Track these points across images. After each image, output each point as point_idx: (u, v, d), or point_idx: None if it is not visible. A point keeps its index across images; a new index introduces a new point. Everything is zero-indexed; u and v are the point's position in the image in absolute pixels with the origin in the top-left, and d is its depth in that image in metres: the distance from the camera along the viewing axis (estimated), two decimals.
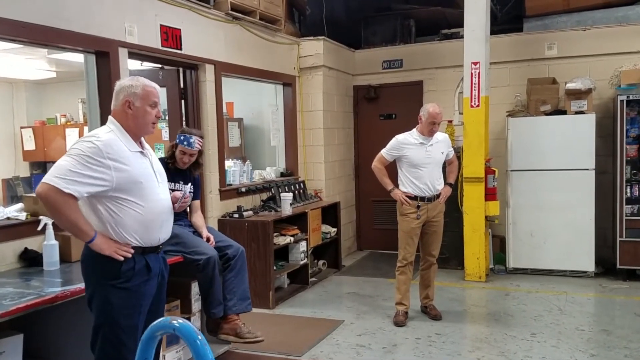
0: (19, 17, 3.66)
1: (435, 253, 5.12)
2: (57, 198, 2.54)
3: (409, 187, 4.95)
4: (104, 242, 2.68)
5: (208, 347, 1.72)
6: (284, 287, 6.20)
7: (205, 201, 5.57)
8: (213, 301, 4.07)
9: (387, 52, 7.96)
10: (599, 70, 6.81)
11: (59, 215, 2.61)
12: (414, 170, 4.92)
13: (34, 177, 8.12)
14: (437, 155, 4.97)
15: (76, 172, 2.55)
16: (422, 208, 4.91)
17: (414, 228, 4.93)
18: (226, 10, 5.71)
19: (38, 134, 8.21)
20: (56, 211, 2.59)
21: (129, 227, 2.72)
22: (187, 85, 5.54)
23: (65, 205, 2.56)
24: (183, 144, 4.08)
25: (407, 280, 5.05)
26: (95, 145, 2.61)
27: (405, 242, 4.98)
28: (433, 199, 4.95)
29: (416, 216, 4.90)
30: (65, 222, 2.64)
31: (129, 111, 2.79)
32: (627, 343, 4.43)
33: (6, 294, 2.98)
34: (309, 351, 4.44)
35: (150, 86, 2.84)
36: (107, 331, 2.72)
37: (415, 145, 4.92)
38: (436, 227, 5.03)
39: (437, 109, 4.87)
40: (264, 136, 7.34)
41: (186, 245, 3.91)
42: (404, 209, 4.95)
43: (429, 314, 5.19)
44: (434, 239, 5.07)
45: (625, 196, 6.18)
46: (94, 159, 2.59)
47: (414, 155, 4.90)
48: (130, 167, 2.71)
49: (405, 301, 5.09)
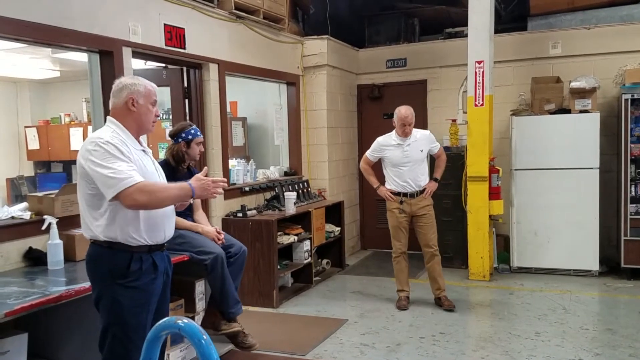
0: (23, 17, 3.67)
1: (433, 244, 5.37)
2: (146, 191, 2.59)
3: (392, 184, 5.37)
4: (200, 188, 2.73)
5: (213, 346, 1.72)
6: (287, 286, 6.21)
7: (209, 200, 5.57)
8: (230, 300, 4.02)
9: (391, 51, 7.95)
10: (603, 69, 6.79)
11: (160, 202, 2.69)
12: (395, 169, 5.33)
13: (38, 176, 8.14)
14: (415, 154, 5.29)
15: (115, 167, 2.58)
16: (405, 203, 5.28)
17: (400, 222, 5.33)
18: (230, 9, 5.71)
19: (42, 133, 8.23)
20: (153, 202, 2.66)
21: (135, 225, 2.71)
22: (190, 84, 5.53)
23: (155, 188, 2.64)
24: (197, 135, 4.15)
25: (403, 268, 5.47)
26: (111, 144, 2.63)
27: (394, 234, 5.41)
28: (416, 194, 5.31)
29: (399, 210, 5.29)
30: (168, 201, 2.73)
31: (132, 108, 2.80)
32: (632, 342, 4.42)
33: (10, 293, 2.99)
34: (313, 350, 4.44)
35: (150, 84, 2.89)
36: (116, 330, 2.71)
37: (394, 146, 5.32)
38: (425, 219, 5.34)
39: (406, 111, 5.22)
40: (267, 135, 7.33)
41: (192, 245, 3.90)
42: (389, 204, 5.38)
43: (442, 305, 5.38)
44: (427, 231, 5.35)
45: (629, 195, 6.16)
46: (120, 153, 2.63)
47: (393, 155, 5.31)
48: (138, 164, 2.72)
49: (405, 287, 5.50)
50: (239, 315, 4.15)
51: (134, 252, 2.73)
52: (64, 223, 3.80)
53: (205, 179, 2.77)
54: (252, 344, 4.15)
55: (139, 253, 2.75)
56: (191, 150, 4.13)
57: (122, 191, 2.56)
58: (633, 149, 6.17)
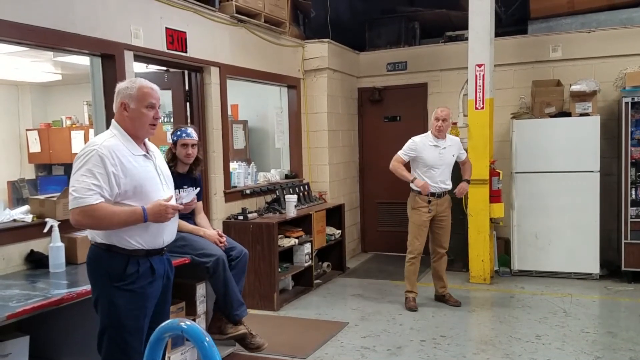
0: (26, 21, 3.68)
1: (446, 245, 5.55)
2: (90, 215, 2.59)
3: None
4: (154, 214, 2.71)
5: (216, 348, 1.73)
6: (288, 289, 6.21)
7: (210, 203, 5.59)
8: (234, 302, 4.02)
9: (391, 55, 7.96)
10: (603, 72, 6.80)
11: (106, 227, 2.67)
12: (428, 170, 5.34)
13: (39, 179, 8.16)
14: (448, 157, 5.40)
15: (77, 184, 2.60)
16: (432, 203, 5.33)
17: (424, 221, 5.37)
18: (231, 13, 5.73)
19: (43, 136, 8.25)
20: (98, 227, 2.67)
21: (132, 231, 2.71)
22: (192, 87, 5.54)
23: (100, 214, 2.61)
24: (182, 137, 4.09)
25: (416, 270, 5.54)
26: (97, 154, 2.63)
27: (416, 234, 5.41)
28: (442, 195, 5.40)
29: (427, 210, 5.32)
30: (114, 226, 2.67)
31: (125, 113, 2.78)
32: (633, 345, 4.42)
33: (12, 296, 3.00)
34: (314, 353, 4.44)
35: (147, 87, 2.81)
36: (112, 333, 2.72)
37: (430, 147, 5.34)
38: (445, 221, 5.48)
39: (444, 108, 5.41)
40: (268, 138, 7.35)
41: (193, 248, 3.90)
42: (415, 202, 5.37)
43: (447, 302, 5.57)
44: (444, 233, 5.51)
45: (630, 198, 6.17)
46: (99, 167, 2.62)
47: (428, 156, 5.33)
48: (132, 171, 2.71)
49: (415, 289, 5.56)
50: (244, 317, 4.16)
51: (131, 256, 2.74)
52: (66, 226, 3.78)
53: (162, 204, 2.74)
54: (261, 344, 4.16)
55: (135, 257, 2.75)
56: (177, 151, 4.13)
57: (72, 209, 2.61)
58: (633, 152, 6.17)
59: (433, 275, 5.66)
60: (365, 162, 8.23)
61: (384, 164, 5.72)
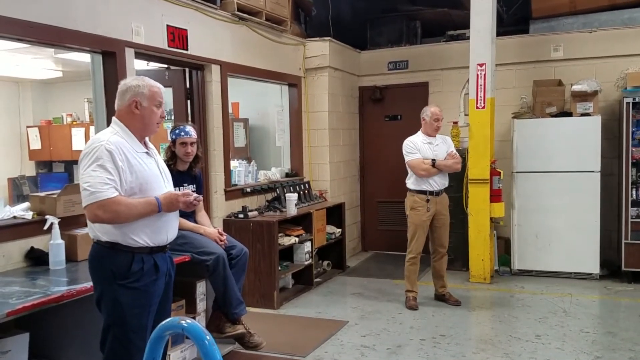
0: (27, 17, 3.68)
1: (446, 244, 5.58)
2: (109, 209, 2.60)
3: (421, 184, 5.40)
4: (167, 203, 2.77)
5: (216, 347, 1.73)
6: (288, 288, 6.21)
7: (211, 201, 5.59)
8: (233, 301, 4.02)
9: (392, 53, 7.96)
10: (604, 73, 6.79)
11: (124, 219, 2.67)
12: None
13: (39, 176, 8.15)
14: (442, 154, 5.45)
15: (91, 180, 2.60)
16: (430, 201, 5.36)
17: (424, 221, 5.38)
18: (232, 10, 5.72)
19: (44, 133, 8.24)
20: (116, 220, 2.66)
21: (137, 227, 2.72)
22: (193, 85, 5.55)
23: (119, 208, 2.62)
24: (180, 135, 4.10)
25: (416, 270, 5.55)
26: (105, 149, 2.63)
27: (416, 234, 5.42)
28: (440, 193, 5.43)
29: (426, 209, 5.35)
30: (132, 218, 2.69)
31: (135, 111, 2.80)
32: (632, 345, 4.42)
33: (12, 293, 3.00)
34: (313, 352, 4.44)
35: (155, 86, 2.86)
36: (116, 331, 2.72)
37: (425, 144, 5.43)
38: (444, 220, 5.50)
39: (437, 108, 5.53)
40: (269, 137, 7.34)
41: (194, 246, 3.90)
42: (414, 202, 5.39)
43: (448, 301, 5.60)
44: (444, 232, 5.53)
45: (630, 198, 6.16)
46: (110, 162, 2.63)
47: (426, 154, 5.38)
48: (137, 168, 2.72)
49: (415, 288, 5.59)
50: (243, 316, 4.16)
51: (136, 253, 2.74)
52: (66, 223, 3.81)
53: (174, 194, 2.81)
54: (259, 343, 4.16)
55: (140, 254, 2.75)
56: (176, 150, 4.13)
57: (89, 205, 2.60)
58: (634, 152, 6.16)
59: (433, 274, 5.67)
60: (366, 161, 8.22)
61: (384, 163, 5.79)
